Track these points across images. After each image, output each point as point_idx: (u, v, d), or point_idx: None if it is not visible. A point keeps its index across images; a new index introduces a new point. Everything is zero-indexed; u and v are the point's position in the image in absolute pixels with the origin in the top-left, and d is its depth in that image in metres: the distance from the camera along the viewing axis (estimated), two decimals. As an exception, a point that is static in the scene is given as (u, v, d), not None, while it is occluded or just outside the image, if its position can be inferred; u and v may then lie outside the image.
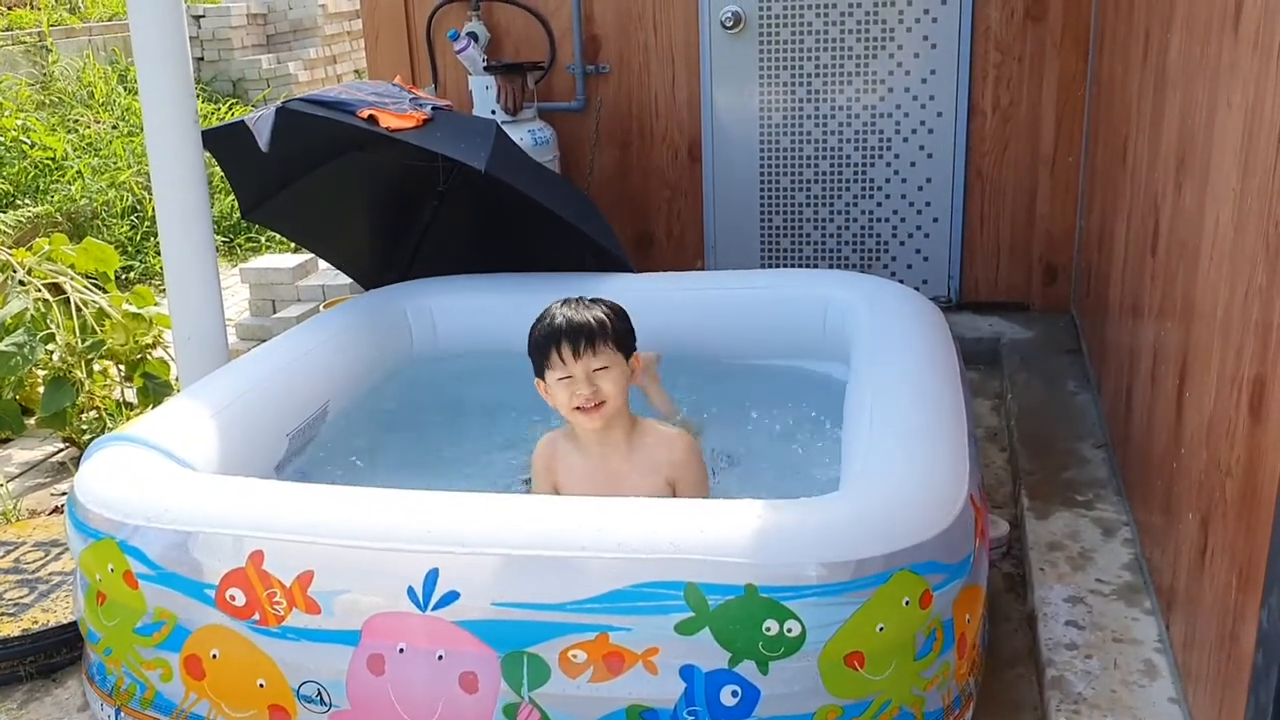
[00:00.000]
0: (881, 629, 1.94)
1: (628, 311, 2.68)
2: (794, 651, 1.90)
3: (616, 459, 2.63)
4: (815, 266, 4.90)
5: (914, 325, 3.09)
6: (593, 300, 2.66)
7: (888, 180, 4.75)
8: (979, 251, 4.75)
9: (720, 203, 4.95)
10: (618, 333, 2.57)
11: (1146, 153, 2.89)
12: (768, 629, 1.89)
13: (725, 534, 1.96)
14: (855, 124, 4.72)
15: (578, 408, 2.52)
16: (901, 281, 4.30)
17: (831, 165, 4.79)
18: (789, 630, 1.89)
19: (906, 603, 1.95)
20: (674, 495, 2.58)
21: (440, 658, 2.00)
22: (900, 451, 2.28)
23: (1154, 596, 2.53)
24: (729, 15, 4.68)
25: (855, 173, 4.78)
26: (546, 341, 2.55)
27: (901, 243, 4.81)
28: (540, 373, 2.60)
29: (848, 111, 4.71)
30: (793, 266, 4.92)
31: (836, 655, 1.93)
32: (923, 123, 4.65)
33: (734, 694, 1.92)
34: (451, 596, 1.99)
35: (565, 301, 2.65)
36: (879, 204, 4.79)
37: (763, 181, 4.88)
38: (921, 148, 4.68)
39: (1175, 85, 2.55)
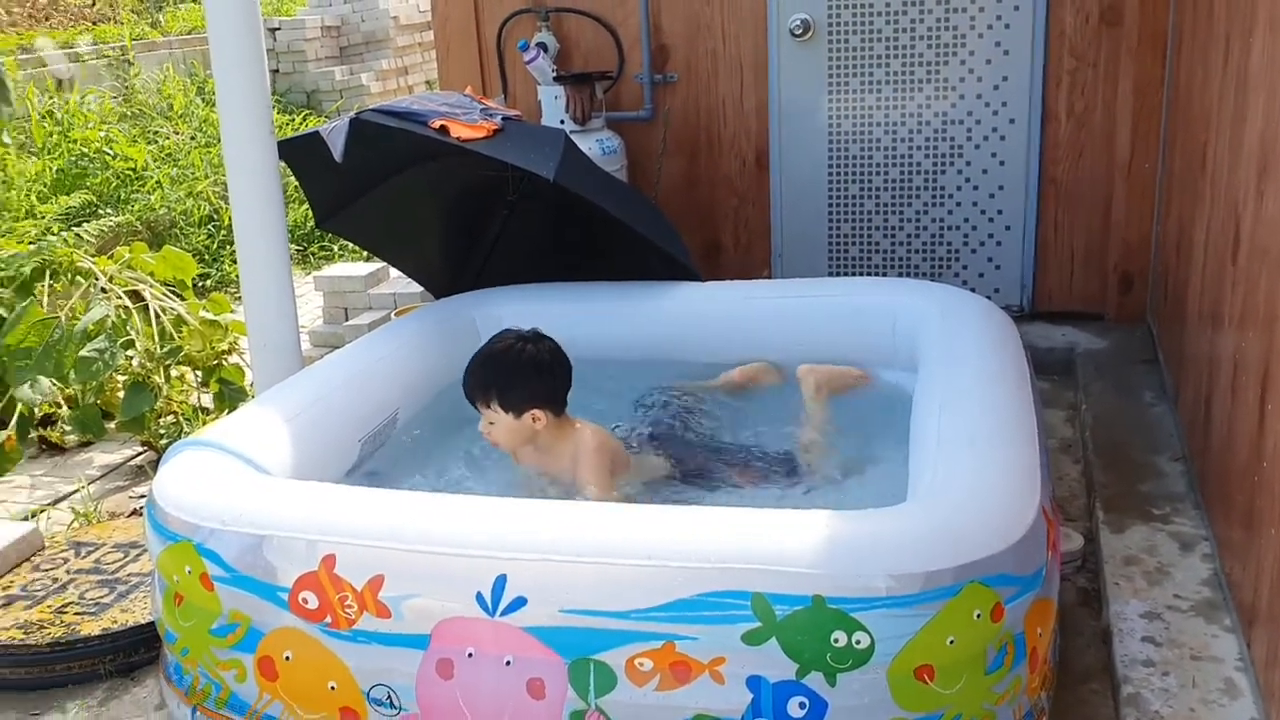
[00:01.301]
0: (952, 642, 1.91)
1: (558, 356, 2.90)
2: (863, 663, 1.89)
3: (543, 460, 2.91)
4: (884, 275, 4.86)
5: (985, 334, 3.05)
6: (515, 344, 2.85)
7: (959, 188, 4.70)
8: (1052, 259, 4.67)
9: (788, 211, 4.93)
10: (505, 392, 2.80)
11: (1227, 158, 2.83)
12: (836, 640, 1.88)
13: (793, 544, 1.95)
14: (926, 131, 4.67)
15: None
16: (973, 290, 4.25)
17: (901, 173, 4.75)
18: (857, 642, 1.88)
19: (977, 615, 1.92)
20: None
21: (508, 663, 2.01)
22: (970, 462, 2.25)
23: (1234, 613, 2.47)
24: (798, 23, 4.67)
25: (925, 180, 4.73)
26: None
27: (973, 251, 4.75)
28: None
29: (918, 118, 4.67)
30: (861, 275, 4.89)
31: (906, 668, 1.91)
32: (995, 129, 4.59)
33: (801, 705, 1.91)
34: (519, 602, 2.00)
35: (490, 341, 2.93)
36: (950, 211, 4.74)
37: (831, 189, 4.85)
38: (993, 154, 4.62)
39: (1258, 89, 2.50)
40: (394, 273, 5.60)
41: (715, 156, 5.00)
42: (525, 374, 2.81)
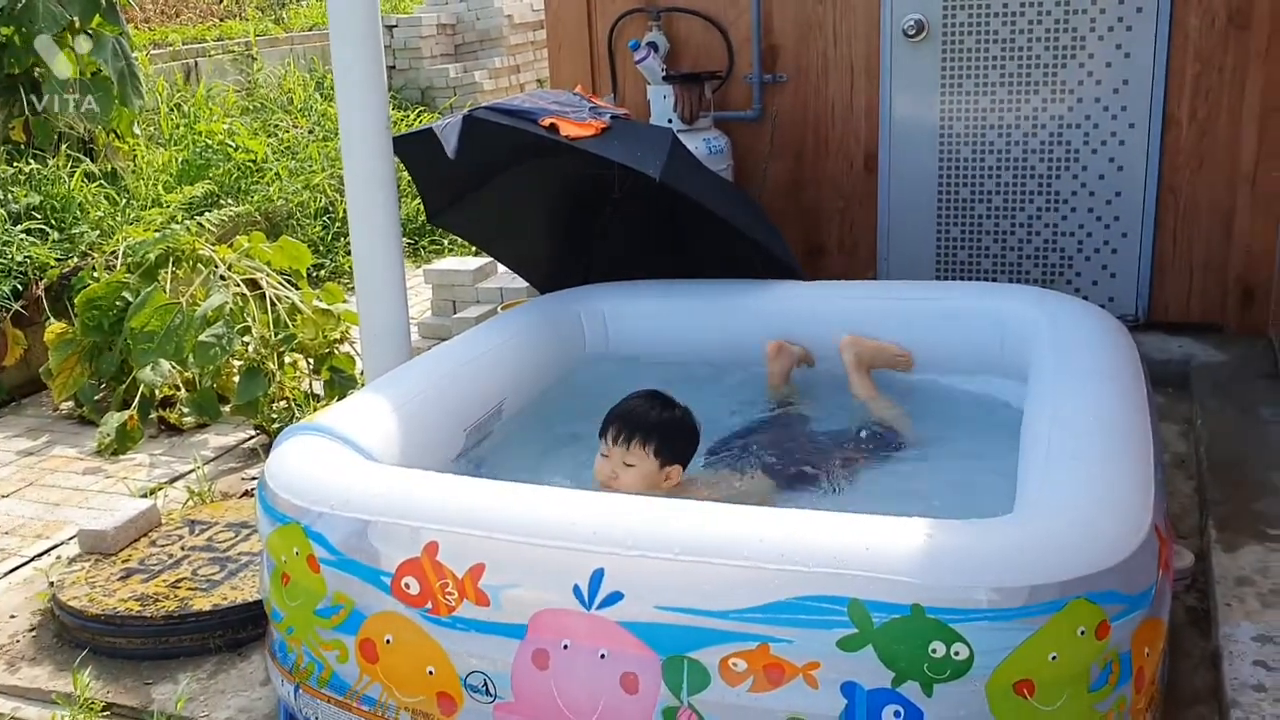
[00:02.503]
0: (1054, 658, 1.87)
1: (695, 422, 2.92)
2: (961, 675, 1.86)
3: None
4: (994, 280, 4.77)
5: (1098, 344, 2.98)
6: (676, 406, 2.89)
7: (1074, 193, 4.59)
8: (1170, 269, 4.54)
9: (895, 213, 4.87)
10: (665, 442, 2.80)
11: (1361, 169, 2.72)
12: (934, 650, 1.85)
13: (892, 551, 1.93)
14: (1041, 134, 4.58)
15: (602, 482, 2.82)
16: (1086, 298, 4.14)
17: (1014, 176, 4.66)
18: (956, 653, 1.85)
19: (1081, 632, 1.88)
20: None
21: (603, 657, 2.03)
22: (1080, 475, 2.20)
23: (1354, 641, 2.38)
24: (911, 23, 4.61)
25: (1040, 185, 4.64)
26: (606, 417, 2.86)
27: (1087, 258, 4.64)
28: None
29: (1033, 121, 4.58)
30: (970, 280, 4.81)
31: (1005, 682, 1.87)
32: (1113, 134, 4.48)
33: (896, 714, 1.89)
34: (616, 597, 2.01)
35: (648, 394, 2.91)
36: (1064, 217, 4.63)
37: (941, 192, 4.78)
38: (1111, 160, 4.51)
39: (1396, 97, 2.39)
40: (501, 268, 5.67)
41: (822, 157, 4.96)
42: (684, 433, 2.89)
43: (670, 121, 4.72)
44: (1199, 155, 4.39)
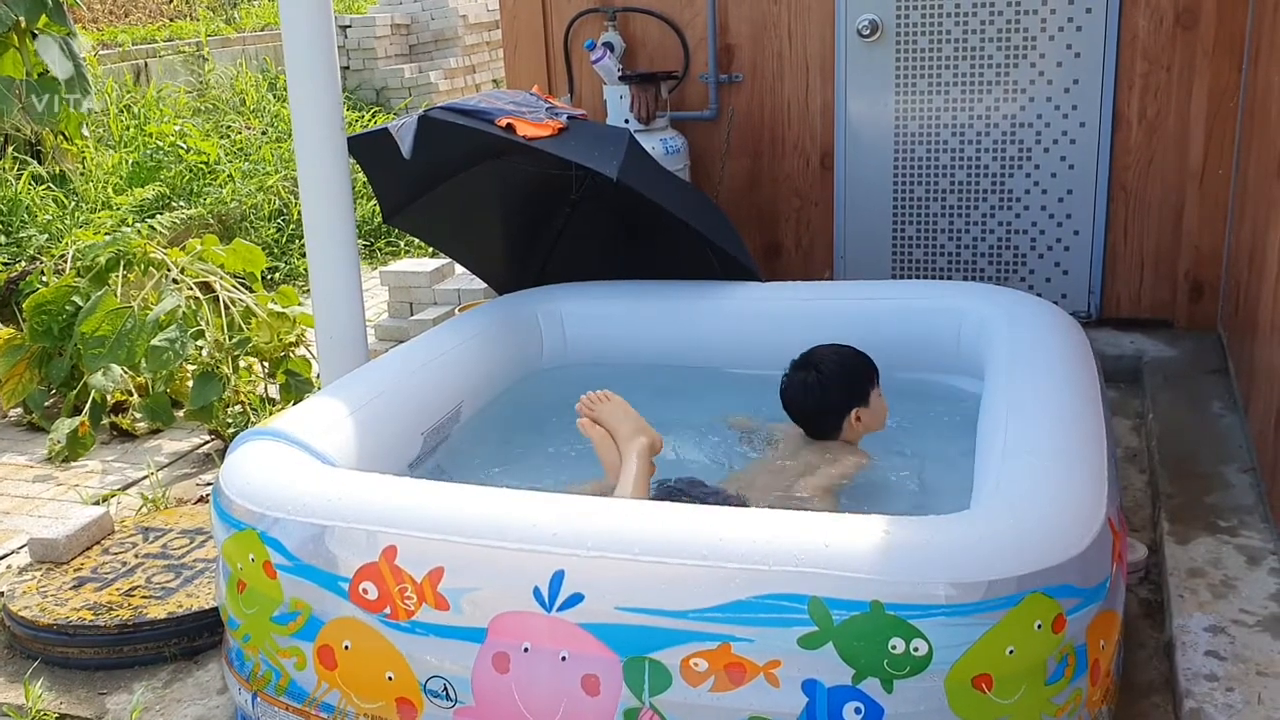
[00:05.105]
0: (1011, 652, 1.89)
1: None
2: (920, 671, 1.87)
3: None
4: (949, 278, 4.81)
5: (1052, 341, 3.01)
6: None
7: (1027, 191, 4.64)
8: (1121, 266, 4.60)
9: (851, 212, 4.90)
10: None
11: (1305, 166, 2.77)
12: (893, 647, 1.87)
13: (851, 549, 1.94)
14: (994, 133, 4.62)
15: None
16: (1039, 295, 4.19)
17: (968, 175, 4.70)
18: (915, 649, 1.86)
19: (1038, 626, 1.90)
20: None
21: (564, 659, 2.02)
22: (1036, 470, 2.23)
23: (1303, 631, 2.42)
24: (866, 23, 4.64)
25: (993, 183, 4.68)
26: (874, 367, 3.05)
27: (1040, 255, 4.69)
28: (867, 394, 3.00)
29: (986, 121, 4.62)
30: (926, 278, 4.85)
31: (964, 676, 1.89)
32: (1064, 133, 4.53)
33: (857, 711, 1.90)
34: (576, 598, 2.01)
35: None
36: (1017, 215, 4.68)
37: (896, 191, 4.82)
38: (1063, 158, 4.56)
39: (1338, 96, 2.44)
40: (459, 269, 5.65)
41: (779, 157, 4.98)
42: None
43: (627, 122, 4.72)
44: (1148, 154, 4.45)
